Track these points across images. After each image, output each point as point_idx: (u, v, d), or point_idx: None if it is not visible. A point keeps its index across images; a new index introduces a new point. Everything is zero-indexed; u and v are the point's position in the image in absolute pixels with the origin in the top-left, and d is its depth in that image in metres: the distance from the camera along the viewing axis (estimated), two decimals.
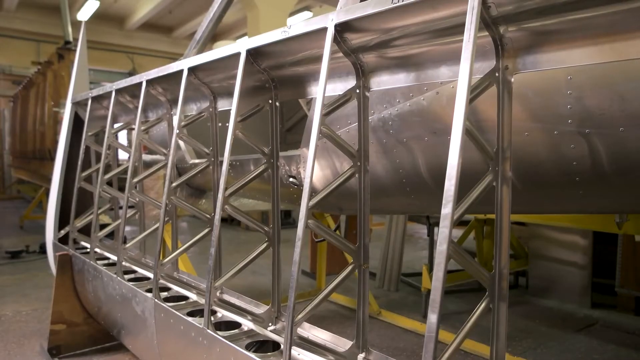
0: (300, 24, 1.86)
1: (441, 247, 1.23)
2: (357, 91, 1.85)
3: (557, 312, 4.98)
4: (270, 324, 2.27)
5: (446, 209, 1.23)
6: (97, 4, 14.40)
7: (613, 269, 4.92)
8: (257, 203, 4.04)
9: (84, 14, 14.84)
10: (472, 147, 2.01)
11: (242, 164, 3.30)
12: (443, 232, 1.24)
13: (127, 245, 2.97)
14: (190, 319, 2.23)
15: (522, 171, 2.10)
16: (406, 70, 1.73)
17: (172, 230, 3.09)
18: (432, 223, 5.54)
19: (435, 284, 1.23)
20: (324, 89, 1.70)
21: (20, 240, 8.36)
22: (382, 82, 1.81)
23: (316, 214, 5.66)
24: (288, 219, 9.70)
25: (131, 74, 15.19)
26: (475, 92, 1.37)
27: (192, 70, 2.54)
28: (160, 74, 2.79)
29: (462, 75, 1.27)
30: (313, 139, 1.68)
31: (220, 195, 2.10)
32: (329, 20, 1.72)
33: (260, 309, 2.37)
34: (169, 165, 2.54)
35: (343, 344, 1.94)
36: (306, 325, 2.14)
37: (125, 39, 17.67)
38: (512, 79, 1.44)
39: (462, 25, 1.43)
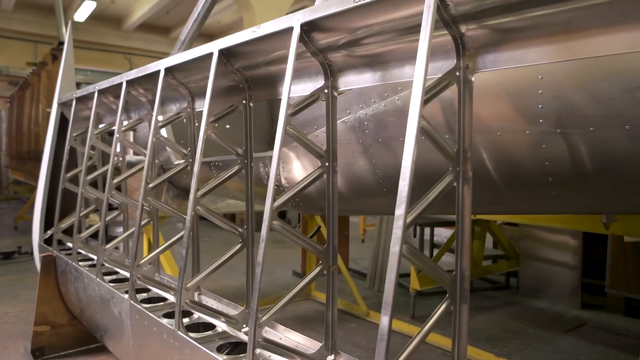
0: (268, 23, 1.85)
1: (394, 249, 1.22)
2: (326, 91, 1.83)
3: (547, 312, 4.96)
4: (244, 326, 2.26)
5: (399, 210, 1.22)
6: (94, 5, 14.41)
7: (603, 270, 4.91)
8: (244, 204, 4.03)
9: (81, 14, 14.86)
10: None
11: (226, 164, 3.29)
12: (396, 233, 1.22)
13: (107, 246, 2.96)
14: (162, 320, 2.21)
15: (497, 171, 2.09)
16: (372, 70, 1.72)
17: (154, 231, 3.08)
18: (421, 224, 5.53)
19: (388, 285, 1.22)
20: (289, 89, 1.68)
21: (14, 241, 8.35)
22: (349, 82, 1.80)
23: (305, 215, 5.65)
24: (283, 219, 9.69)
25: None
26: (433, 91, 1.35)
27: (169, 70, 2.53)
28: (140, 74, 2.78)
29: (417, 75, 1.26)
30: (278, 139, 1.67)
31: (191, 196, 2.09)
32: (295, 19, 1.70)
33: (236, 311, 2.36)
34: (146, 165, 2.52)
35: (314, 346, 1.93)
36: (280, 327, 2.13)
37: (123, 39, 17.67)
38: (473, 78, 1.43)
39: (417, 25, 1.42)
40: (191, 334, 2.13)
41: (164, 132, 3.78)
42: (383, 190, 2.42)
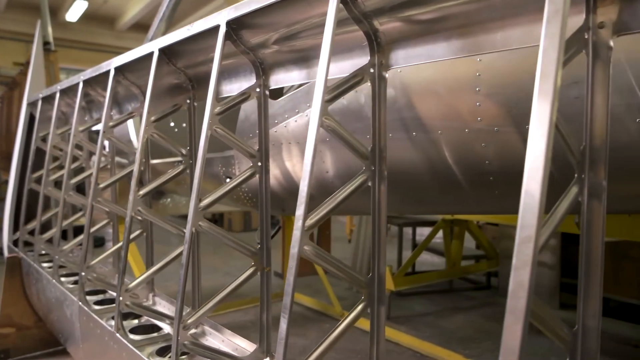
0: (200, 21, 1.83)
1: (293, 250, 1.19)
2: (257, 90, 1.81)
3: None
4: (192, 328, 2.23)
5: (299, 211, 1.19)
6: (85, 5, 14.38)
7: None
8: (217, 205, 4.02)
9: (73, 14, 14.83)
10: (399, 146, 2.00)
11: (209, 162, 3.24)
12: (295, 234, 1.20)
13: (65, 247, 2.94)
14: (104, 322, 2.19)
15: (438, 171, 2.07)
16: (299, 68, 1.69)
17: (114, 233, 3.06)
18: (401, 224, 5.51)
19: (287, 288, 1.19)
20: (214, 88, 1.66)
21: None
22: (279, 80, 1.77)
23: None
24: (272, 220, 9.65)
25: None
26: (342, 87, 1.33)
27: (119, 70, 2.51)
28: (94, 73, 2.75)
29: (319, 73, 1.23)
30: (202, 139, 1.65)
31: (131, 197, 2.06)
32: (222, 17, 1.68)
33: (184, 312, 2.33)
34: (96, 166, 2.50)
35: (252, 349, 1.90)
36: (227, 332, 2.10)
37: (116, 39, 17.63)
38: (387, 75, 1.40)
39: (341, 20, 1.39)
40: (134, 337, 2.11)
41: (132, 133, 3.76)
42: (333, 191, 2.40)
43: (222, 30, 1.66)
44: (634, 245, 4.49)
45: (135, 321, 2.41)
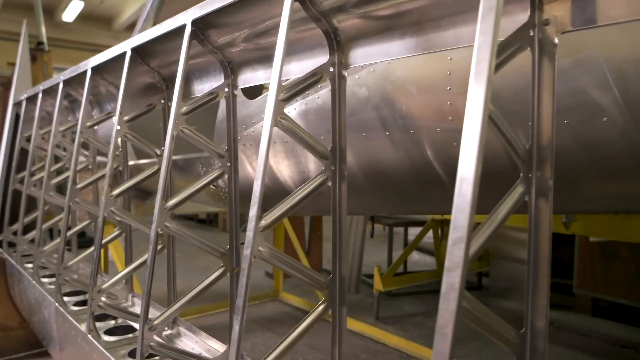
0: (168, 20, 1.82)
1: (246, 252, 1.18)
2: (226, 89, 1.79)
3: (514, 313, 4.91)
4: (166, 329, 2.22)
5: (252, 211, 1.18)
6: (81, 5, 14.37)
7: (572, 269, 4.86)
8: (198, 205, 4.02)
9: (69, 14, 14.83)
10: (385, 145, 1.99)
11: (189, 162, 3.23)
12: (248, 235, 1.18)
13: (45, 248, 2.93)
14: (78, 323, 2.18)
15: (412, 171, 2.06)
16: (264, 67, 1.68)
17: (96, 235, 3.04)
18: (391, 224, 5.50)
19: (240, 290, 1.18)
20: (180, 88, 1.65)
21: None
22: (247, 79, 1.76)
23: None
24: None
25: None
26: (299, 87, 1.31)
27: (96, 70, 2.50)
28: (73, 74, 2.74)
29: (274, 73, 1.22)
30: (167, 139, 1.63)
31: (103, 198, 2.05)
32: (188, 16, 1.67)
33: (158, 312, 2.32)
34: (73, 166, 2.49)
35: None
36: (203, 334, 2.09)
37: (113, 39, 17.58)
38: (346, 73, 1.39)
39: (301, 19, 1.38)
40: (109, 338, 2.10)
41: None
42: None
43: (188, 29, 1.65)
44: (623, 245, 4.47)
45: (112, 322, 2.40)
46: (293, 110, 2.21)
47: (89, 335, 2.02)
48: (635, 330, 4.37)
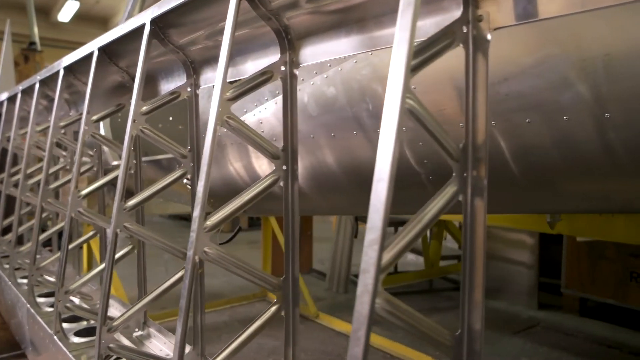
0: (130, 19, 1.80)
1: (189, 253, 1.17)
2: (188, 89, 1.78)
3: (503, 313, 4.89)
4: (136, 329, 2.21)
5: (196, 212, 1.17)
6: (77, 5, 14.38)
7: (559, 269, 4.84)
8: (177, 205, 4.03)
9: (65, 14, 14.83)
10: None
11: (173, 162, 3.21)
12: (191, 236, 1.17)
13: (21, 249, 2.91)
14: (47, 325, 2.16)
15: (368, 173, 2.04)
16: None
17: (62, 236, 3.03)
18: None
19: (183, 292, 1.17)
20: (139, 88, 1.64)
21: None
22: (208, 79, 1.74)
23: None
24: (257, 221, 9.64)
25: None
26: (247, 85, 1.30)
27: (69, 70, 2.48)
28: (48, 74, 2.73)
29: (218, 73, 1.21)
30: (126, 139, 1.62)
31: (70, 198, 2.04)
32: (147, 15, 1.65)
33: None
34: (45, 166, 2.48)
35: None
36: (171, 335, 2.08)
37: None
38: (297, 72, 1.37)
39: (254, 18, 1.37)
40: (77, 339, 2.09)
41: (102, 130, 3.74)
42: None
43: (147, 28, 1.64)
44: (609, 245, 4.45)
45: (85, 323, 2.39)
46: (264, 109, 2.19)
47: (55, 337, 2.01)
48: (622, 330, 4.35)
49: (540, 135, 1.52)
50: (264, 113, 2.20)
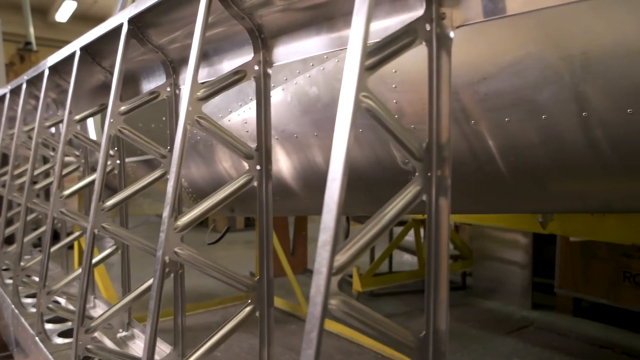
0: (111, 19, 1.80)
1: (158, 253, 1.16)
2: (168, 89, 1.77)
3: (496, 313, 4.89)
4: (120, 330, 2.21)
5: (165, 212, 1.16)
6: (74, 5, 14.38)
7: (553, 269, 4.84)
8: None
9: (62, 14, 14.83)
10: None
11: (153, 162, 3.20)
12: (161, 237, 1.16)
13: (8, 249, 2.91)
14: (29, 326, 2.16)
15: (365, 170, 2.03)
16: (205, 66, 1.66)
17: (44, 237, 3.03)
18: None
19: (152, 292, 1.16)
20: (117, 88, 1.63)
21: None
22: (186, 79, 1.73)
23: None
24: (253, 221, 9.64)
25: None
26: (219, 85, 1.29)
27: (54, 70, 2.48)
28: (34, 73, 2.73)
29: (189, 73, 1.20)
30: (104, 139, 1.61)
31: (52, 198, 2.03)
32: (125, 15, 1.65)
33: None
34: (30, 166, 2.47)
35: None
36: (157, 337, 2.07)
37: None
38: (270, 71, 1.37)
39: (228, 17, 1.36)
40: (60, 340, 2.09)
41: (91, 130, 3.74)
42: None
43: (125, 28, 1.63)
44: (602, 245, 4.45)
45: (70, 323, 2.38)
46: (248, 109, 2.18)
47: (37, 338, 2.00)
48: (615, 330, 4.34)
49: (520, 134, 1.52)
50: (248, 113, 2.20)
